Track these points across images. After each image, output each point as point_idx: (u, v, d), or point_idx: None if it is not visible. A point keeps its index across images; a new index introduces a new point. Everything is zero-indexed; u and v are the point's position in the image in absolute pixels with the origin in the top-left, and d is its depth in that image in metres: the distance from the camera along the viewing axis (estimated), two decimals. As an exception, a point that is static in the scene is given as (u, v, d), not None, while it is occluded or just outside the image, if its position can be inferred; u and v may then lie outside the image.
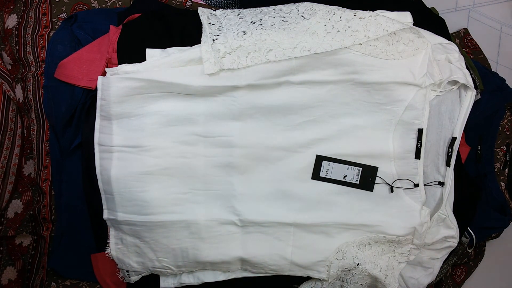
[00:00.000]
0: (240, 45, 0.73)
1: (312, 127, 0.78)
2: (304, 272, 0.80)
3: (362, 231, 0.79)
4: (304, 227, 0.78)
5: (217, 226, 0.77)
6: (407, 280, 0.83)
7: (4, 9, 0.86)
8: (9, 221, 0.84)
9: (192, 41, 0.78)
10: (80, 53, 0.80)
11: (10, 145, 0.84)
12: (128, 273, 0.81)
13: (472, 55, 1.06)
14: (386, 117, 0.78)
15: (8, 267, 0.83)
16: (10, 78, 0.85)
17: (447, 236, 0.81)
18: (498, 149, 1.02)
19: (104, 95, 0.75)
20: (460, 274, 1.03)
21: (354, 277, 0.79)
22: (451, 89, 0.81)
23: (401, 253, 0.80)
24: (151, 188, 0.75)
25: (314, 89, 0.77)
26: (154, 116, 0.75)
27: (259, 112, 0.77)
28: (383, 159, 0.79)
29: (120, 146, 0.76)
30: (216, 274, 0.81)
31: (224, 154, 0.77)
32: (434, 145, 0.82)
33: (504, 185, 1.02)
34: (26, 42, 0.84)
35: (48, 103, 0.82)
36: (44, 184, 0.85)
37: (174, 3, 0.90)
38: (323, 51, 0.73)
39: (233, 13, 0.80)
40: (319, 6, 0.77)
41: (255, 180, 0.78)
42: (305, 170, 0.78)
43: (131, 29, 0.81)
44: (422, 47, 0.77)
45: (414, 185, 0.79)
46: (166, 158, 0.76)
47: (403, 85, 0.76)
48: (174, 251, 0.78)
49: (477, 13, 1.14)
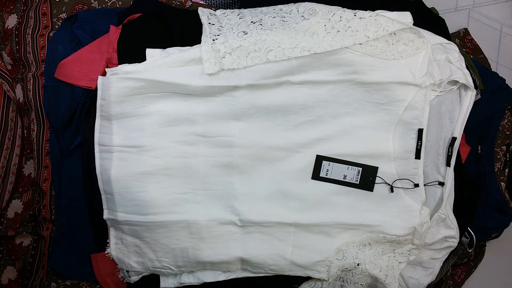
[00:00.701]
0: (240, 45, 0.74)
1: (312, 127, 0.78)
2: (304, 272, 0.80)
3: (362, 231, 0.79)
4: (304, 227, 0.78)
5: (217, 226, 0.77)
6: (407, 280, 0.83)
7: (4, 9, 0.86)
8: (9, 221, 0.84)
9: (192, 41, 0.78)
10: (80, 53, 0.80)
11: (10, 145, 0.84)
12: (128, 273, 0.81)
13: (472, 55, 1.06)
14: (386, 117, 0.78)
15: (8, 267, 0.83)
16: (10, 78, 0.85)
17: (447, 236, 0.81)
18: (498, 149, 1.02)
19: (104, 95, 0.75)
20: (460, 274, 1.03)
21: (354, 277, 0.79)
22: (451, 89, 0.81)
23: (401, 253, 0.80)
24: (151, 188, 0.75)
25: (314, 89, 0.77)
26: (154, 116, 0.75)
27: (259, 112, 0.77)
28: (383, 159, 0.79)
29: (120, 146, 0.76)
30: (216, 274, 0.81)
31: (224, 154, 0.77)
32: (434, 145, 0.82)
33: (504, 185, 1.02)
34: (26, 42, 0.84)
35: (48, 103, 0.82)
36: (44, 184, 0.85)
37: (174, 3, 0.90)
38: (323, 51, 0.73)
39: (233, 13, 0.80)
40: (319, 6, 0.77)
41: (255, 180, 0.78)
42: (305, 170, 0.78)
43: (131, 29, 0.81)
44: (422, 47, 0.77)
45: (414, 185, 0.79)
46: (166, 158, 0.76)
47: (403, 85, 0.76)
48: (174, 251, 0.78)
49: (477, 13, 1.14)
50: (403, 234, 0.78)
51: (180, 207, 0.77)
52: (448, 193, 0.80)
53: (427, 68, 0.76)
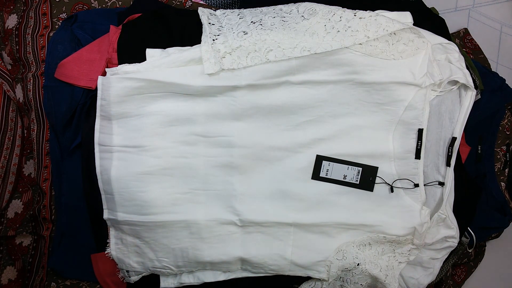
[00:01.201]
0: (240, 45, 0.74)
1: (312, 127, 0.78)
2: (304, 272, 0.80)
3: (362, 231, 0.79)
4: (304, 227, 0.78)
5: (217, 226, 0.77)
6: (407, 280, 0.83)
7: (4, 9, 0.86)
8: (9, 221, 0.84)
9: (192, 41, 0.78)
10: (80, 53, 0.80)
11: (10, 145, 0.84)
12: (128, 273, 0.81)
13: (472, 55, 1.06)
14: (386, 117, 0.78)
15: (8, 267, 0.83)
16: (10, 78, 0.85)
17: (447, 236, 0.81)
18: (498, 149, 1.02)
19: (104, 95, 0.75)
20: (460, 274, 1.03)
21: (354, 277, 0.79)
22: (451, 89, 0.81)
23: (401, 253, 0.80)
24: (151, 188, 0.75)
25: (314, 89, 0.77)
26: (154, 116, 0.75)
27: (259, 112, 0.77)
28: (383, 159, 0.79)
29: (120, 146, 0.76)
30: (216, 274, 0.81)
31: (224, 154, 0.77)
32: (434, 145, 0.82)
33: (504, 185, 1.02)
34: (26, 42, 0.84)
35: (48, 103, 0.82)
36: (44, 184, 0.85)
37: (174, 3, 0.90)
38: (323, 51, 0.73)
39: (233, 13, 0.80)
40: (319, 6, 0.77)
41: (255, 180, 0.78)
42: (305, 170, 0.78)
43: (131, 29, 0.81)
44: (422, 47, 0.77)
45: (414, 185, 0.79)
46: (166, 158, 0.76)
47: (403, 85, 0.76)
48: (174, 251, 0.78)
49: (477, 13, 1.14)
50: (403, 234, 0.78)
51: (180, 207, 0.77)
52: (448, 193, 0.80)
53: (427, 68, 0.76)
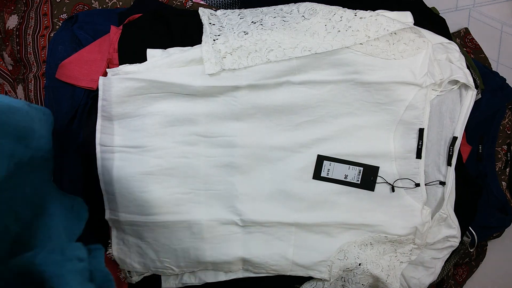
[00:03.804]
0: (241, 45, 0.74)
1: (313, 127, 0.78)
2: (306, 272, 0.80)
3: (364, 231, 0.79)
4: (305, 227, 0.78)
5: (218, 226, 0.77)
6: (408, 280, 0.83)
7: (5, 9, 0.86)
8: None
9: (192, 41, 0.78)
10: (81, 53, 0.80)
11: (11, 146, 0.84)
12: (130, 273, 0.81)
13: (473, 55, 1.06)
14: (387, 116, 0.78)
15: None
16: (11, 79, 0.85)
17: (449, 236, 0.81)
18: (499, 149, 1.02)
19: (105, 95, 0.75)
20: (461, 273, 1.03)
21: (356, 277, 0.79)
22: (452, 88, 0.81)
23: (403, 253, 0.80)
24: (152, 188, 0.75)
25: (315, 89, 0.77)
26: (155, 116, 0.75)
27: (260, 112, 0.77)
28: (384, 158, 0.79)
29: (121, 146, 0.76)
30: (217, 274, 0.81)
31: (225, 154, 0.77)
32: (435, 145, 0.82)
33: (505, 184, 1.02)
34: (27, 43, 0.84)
35: (50, 104, 0.82)
36: (45, 184, 0.85)
37: (175, 3, 0.90)
38: (323, 51, 0.73)
39: (233, 13, 0.80)
40: (319, 6, 0.77)
41: (256, 180, 0.78)
42: (306, 170, 0.78)
43: (132, 29, 0.81)
44: (422, 47, 0.77)
45: (415, 184, 0.79)
46: (167, 158, 0.76)
47: (404, 85, 0.76)
48: (176, 252, 0.78)
49: (478, 13, 1.14)
50: (405, 233, 0.78)
51: (182, 207, 0.77)
52: (449, 192, 0.80)
53: (427, 68, 0.76)
